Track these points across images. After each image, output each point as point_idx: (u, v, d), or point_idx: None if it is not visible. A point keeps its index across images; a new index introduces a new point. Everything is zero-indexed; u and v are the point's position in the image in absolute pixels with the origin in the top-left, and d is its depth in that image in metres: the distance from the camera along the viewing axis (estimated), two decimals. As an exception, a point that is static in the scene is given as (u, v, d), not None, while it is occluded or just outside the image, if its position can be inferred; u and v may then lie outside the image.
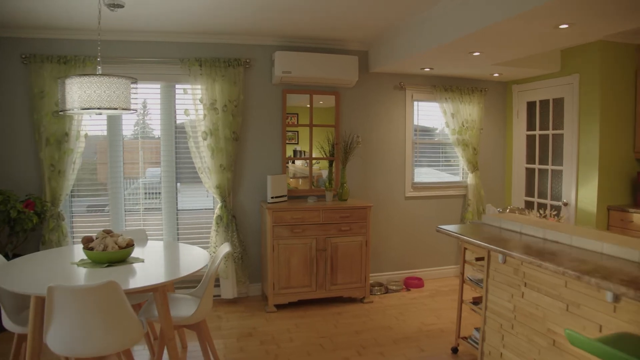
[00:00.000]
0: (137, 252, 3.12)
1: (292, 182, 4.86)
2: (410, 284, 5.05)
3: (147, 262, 2.92)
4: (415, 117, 5.23)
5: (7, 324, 2.68)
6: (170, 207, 4.54)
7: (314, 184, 4.92)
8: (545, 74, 4.89)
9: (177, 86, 4.47)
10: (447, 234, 3.08)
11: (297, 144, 4.85)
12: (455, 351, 3.44)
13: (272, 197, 4.41)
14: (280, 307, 4.32)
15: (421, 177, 5.36)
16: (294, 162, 4.92)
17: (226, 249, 3.09)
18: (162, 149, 4.49)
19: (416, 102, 5.23)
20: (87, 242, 2.86)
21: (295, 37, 4.56)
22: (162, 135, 4.50)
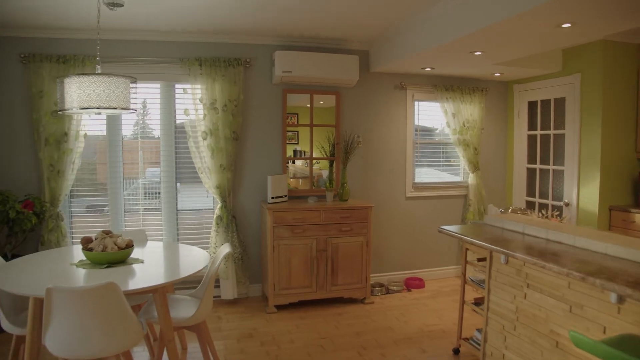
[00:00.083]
0: (136, 252, 3.10)
1: (292, 182, 4.85)
2: (411, 284, 5.03)
3: (147, 263, 2.91)
4: (416, 117, 5.22)
5: (6, 325, 2.66)
6: (170, 208, 4.52)
7: (315, 184, 4.90)
8: (546, 73, 4.88)
9: (176, 86, 4.45)
10: (450, 234, 3.06)
11: (298, 144, 4.83)
12: (456, 352, 3.42)
13: (272, 198, 4.40)
14: (280, 308, 4.30)
15: (422, 177, 5.35)
16: (294, 162, 4.90)
17: (226, 250, 3.07)
18: (161, 149, 4.48)
19: (417, 102, 5.21)
20: (86, 243, 2.85)
21: (295, 37, 4.55)
22: (161, 135, 4.48)
